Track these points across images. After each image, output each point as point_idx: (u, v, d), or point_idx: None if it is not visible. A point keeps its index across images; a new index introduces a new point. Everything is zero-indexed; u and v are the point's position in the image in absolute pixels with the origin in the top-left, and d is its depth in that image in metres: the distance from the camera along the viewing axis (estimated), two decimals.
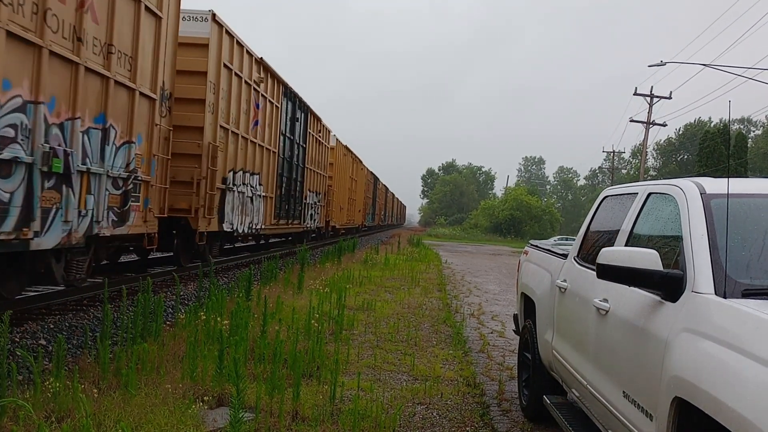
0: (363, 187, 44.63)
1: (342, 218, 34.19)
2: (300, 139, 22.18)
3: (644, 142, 43.92)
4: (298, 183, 22.20)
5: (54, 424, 4.26)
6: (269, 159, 18.12)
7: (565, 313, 4.85)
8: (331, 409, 5.22)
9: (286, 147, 20.16)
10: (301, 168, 22.73)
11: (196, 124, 12.80)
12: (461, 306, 12.44)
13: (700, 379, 2.53)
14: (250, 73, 15.99)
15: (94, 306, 9.18)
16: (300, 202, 22.70)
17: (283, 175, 19.87)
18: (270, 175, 18.34)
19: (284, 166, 20.06)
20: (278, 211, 19.64)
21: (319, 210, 26.78)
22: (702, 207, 3.36)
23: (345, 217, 35.57)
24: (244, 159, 15.67)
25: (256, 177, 16.85)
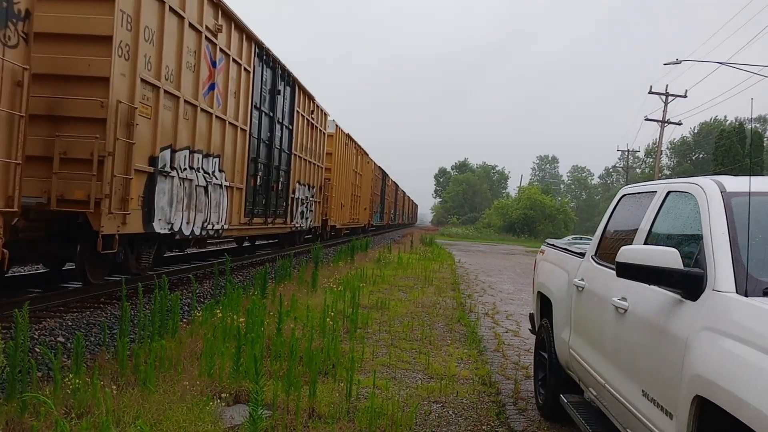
0: (370, 182, 40.19)
1: (343, 217, 30.04)
2: (285, 118, 17.94)
3: (659, 140, 43.66)
4: (281, 173, 17.97)
5: (74, 420, 4.29)
6: (236, 138, 13.74)
7: (582, 312, 4.84)
8: (347, 406, 5.24)
9: (263, 126, 15.92)
10: (287, 155, 18.50)
11: (98, 73, 8.67)
12: (475, 305, 12.42)
13: (721, 378, 2.53)
14: (201, 15, 11.42)
15: (111, 304, 9.25)
16: (285, 196, 18.50)
17: (258, 161, 15.56)
18: (238, 160, 13.95)
19: (260, 150, 15.76)
20: (251, 206, 15.29)
21: (313, 207, 22.61)
22: (722, 205, 3.34)
23: (347, 215, 31.39)
24: (192, 134, 11.35)
25: (214, 161, 12.49)
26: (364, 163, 36.93)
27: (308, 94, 20.59)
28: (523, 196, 79.83)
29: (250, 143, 14.76)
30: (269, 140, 16.52)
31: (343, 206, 29.45)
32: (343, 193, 29.24)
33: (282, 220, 18.34)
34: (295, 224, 19.94)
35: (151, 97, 9.86)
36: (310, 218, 22.24)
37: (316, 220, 23.35)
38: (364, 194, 37.61)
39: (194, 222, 11.75)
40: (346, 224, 31.74)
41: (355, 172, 33.24)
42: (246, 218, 14.94)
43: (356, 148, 33.33)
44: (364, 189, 37.79)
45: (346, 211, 30.66)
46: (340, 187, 28.43)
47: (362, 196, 36.97)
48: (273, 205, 17.21)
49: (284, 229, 19.21)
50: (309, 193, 21.76)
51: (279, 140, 17.49)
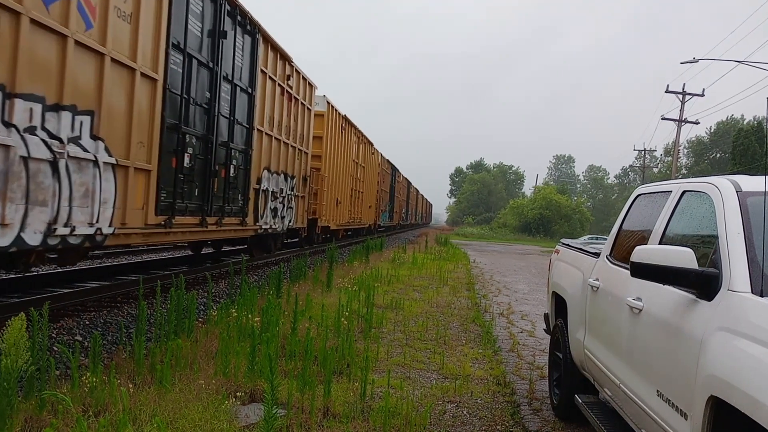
0: (375, 177, 35.09)
1: (340, 216, 24.92)
2: (240, 77, 12.63)
3: (676, 139, 43.33)
4: (235, 153, 12.61)
5: (91, 418, 4.34)
6: (132, 89, 8.62)
7: (597, 312, 4.82)
8: (362, 406, 5.25)
9: (197, 80, 10.61)
10: (245, 129, 13.13)
11: None
12: (490, 305, 12.40)
13: (737, 378, 2.51)
14: None
15: (127, 303, 9.33)
16: (242, 187, 13.22)
17: (185, 132, 10.20)
18: (139, 125, 8.86)
19: (189, 115, 10.37)
20: (170, 199, 9.91)
21: (294, 203, 17.66)
22: (738, 205, 3.32)
23: (345, 214, 26.11)
24: (12, 65, 6.37)
25: (78, 120, 7.49)
26: (368, 153, 31.51)
27: (281, 52, 15.23)
28: (538, 196, 79.59)
29: (165, 101, 9.36)
30: (208, 103, 11.11)
31: (339, 203, 24.43)
32: (339, 188, 24.26)
33: (237, 220, 13.08)
34: (262, 225, 14.81)
35: None
36: (289, 217, 17.35)
37: (298, 219, 18.45)
38: (368, 190, 32.26)
39: (24, 223, 6.62)
40: (345, 225, 26.82)
41: (356, 164, 28.22)
42: (160, 216, 9.54)
43: (357, 134, 27.94)
44: (369, 184, 32.56)
45: (343, 210, 25.52)
46: (336, 181, 23.51)
47: (366, 192, 31.51)
48: (219, 199, 11.92)
49: (242, 232, 13.85)
50: (286, 185, 16.75)
51: (229, 107, 12.16)
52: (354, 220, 28.82)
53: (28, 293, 8.97)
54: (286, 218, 17.13)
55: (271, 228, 15.65)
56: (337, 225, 24.86)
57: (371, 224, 35.15)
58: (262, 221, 14.88)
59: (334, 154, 23.10)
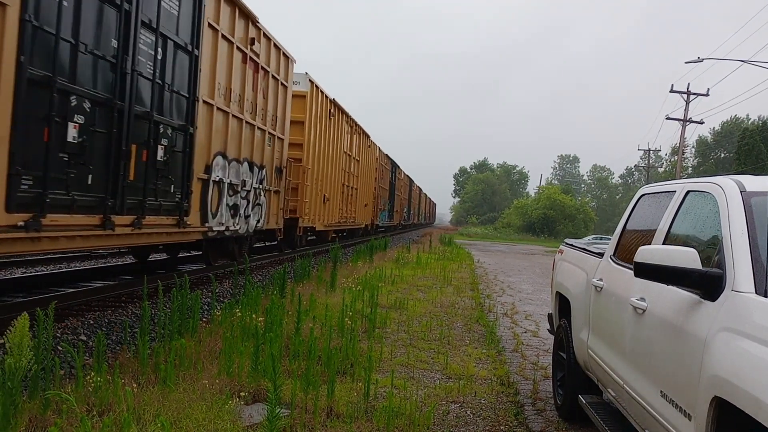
0: (373, 173, 31.81)
1: (328, 215, 21.61)
2: (169, 25, 9.21)
3: (681, 139, 43.24)
4: (164, 130, 9.29)
5: (95, 418, 4.35)
6: None
7: (601, 312, 4.82)
8: (366, 406, 5.25)
9: (84, 14, 7.17)
10: (183, 99, 9.89)
11: None
12: (494, 305, 12.39)
13: (740, 379, 2.51)
14: None
15: (132, 302, 9.35)
16: (179, 175, 9.94)
17: (53, 86, 6.68)
18: None
19: (61, 62, 6.86)
20: (37, 188, 6.59)
21: (263, 198, 14.46)
22: (742, 205, 3.31)
23: (335, 213, 22.89)
24: None
25: None
26: (363, 146, 27.96)
27: (241, 7, 11.88)
28: (542, 196, 79.55)
29: (23, 39, 6.22)
30: (116, 57, 7.89)
31: (327, 200, 21.12)
32: (326, 183, 21.02)
33: (172, 220, 9.82)
34: (214, 227, 11.55)
35: None
36: (257, 216, 14.05)
37: (271, 219, 15.16)
38: (364, 187, 28.91)
39: None
40: (335, 225, 23.30)
41: (348, 156, 24.95)
42: (18, 214, 6.35)
43: (350, 123, 24.56)
44: (365, 180, 29.18)
45: (332, 208, 22.22)
46: (322, 174, 20.28)
47: (361, 189, 28.14)
48: (138, 191, 8.70)
49: (182, 236, 10.45)
50: (252, 177, 13.50)
51: (154, 66, 8.86)
52: (346, 220, 25.50)
53: (33, 293, 9.00)
54: (253, 217, 13.55)
55: (229, 230, 12.14)
56: (325, 225, 21.39)
57: (368, 224, 31.91)
58: (215, 221, 11.54)
59: (320, 143, 19.67)
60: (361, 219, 28.98)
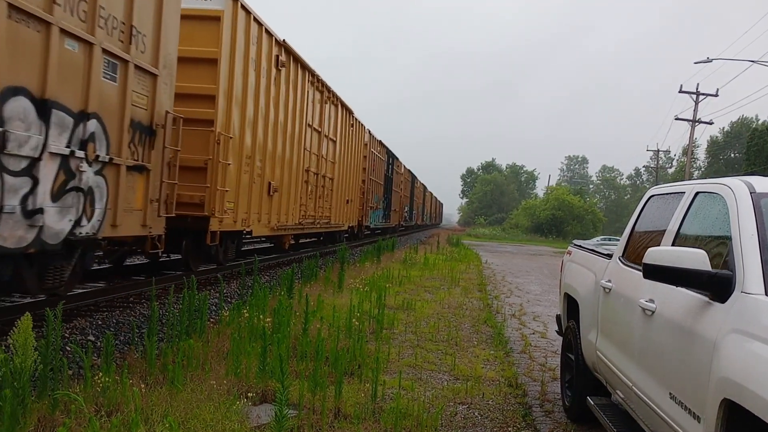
0: (359, 161, 25.33)
1: (279, 213, 15.06)
2: None
3: (690, 140, 43.07)
4: None
5: (104, 418, 4.36)
6: None
7: (609, 314, 4.80)
8: (373, 407, 5.25)
9: None
10: None
11: None
12: (502, 306, 12.37)
13: (750, 381, 2.49)
14: None
15: (140, 303, 9.37)
16: None
17: None
18: None
19: None
20: None
21: (96, 181, 7.61)
22: (752, 206, 3.30)
23: (293, 211, 16.16)
24: None
25: None
26: (343, 124, 21.49)
27: None
28: (551, 197, 79.36)
29: None
30: None
31: (274, 191, 14.29)
32: (272, 165, 14.21)
33: None
34: None
35: None
36: (72, 216, 7.21)
37: (121, 218, 8.26)
38: (345, 178, 22.64)
39: None
40: (292, 228, 16.22)
41: (317, 133, 17.99)
42: None
43: (320, 87, 17.83)
44: (347, 169, 22.98)
45: (285, 203, 15.34)
46: (262, 151, 13.53)
47: (341, 180, 21.80)
48: None
49: None
50: (61, 137, 6.88)
51: None
52: (315, 221, 18.48)
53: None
54: (59, 218, 6.99)
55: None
56: (273, 229, 14.72)
57: (353, 226, 25.72)
58: None
59: (257, 103, 12.92)
60: (340, 219, 22.27)
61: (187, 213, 10.91)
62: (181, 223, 10.82)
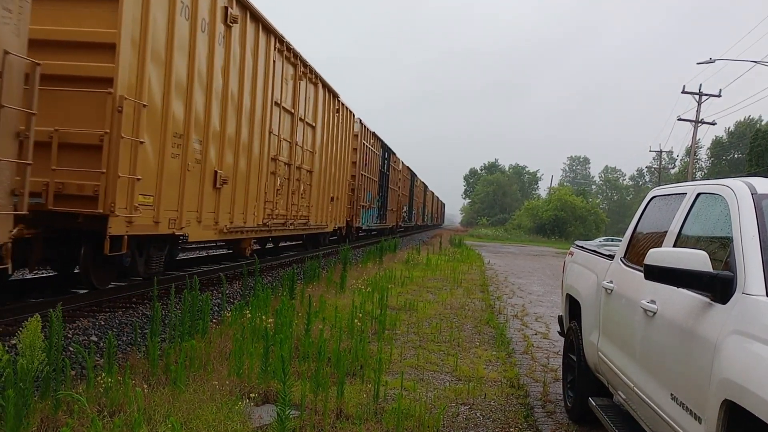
0: (347, 153, 21.65)
1: (231, 211, 11.57)
2: None
3: (692, 141, 43.00)
4: None
5: (106, 418, 4.38)
6: None
7: (611, 315, 4.80)
8: (375, 407, 5.26)
9: None
10: None
11: None
12: (504, 307, 12.36)
13: (751, 382, 2.50)
14: None
15: (142, 303, 9.38)
16: None
17: None
18: None
19: None
20: None
21: None
22: (753, 207, 3.30)
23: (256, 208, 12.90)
24: None
25: None
26: (326, 109, 17.90)
27: None
28: (553, 197, 79.30)
29: None
30: None
31: (224, 183, 11.07)
32: (222, 147, 11.02)
33: None
34: None
35: None
36: None
37: None
38: (329, 170, 19.11)
39: None
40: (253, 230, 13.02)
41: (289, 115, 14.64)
42: None
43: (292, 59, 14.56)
44: (332, 162, 19.31)
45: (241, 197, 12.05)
46: (204, 127, 10.22)
47: (321, 173, 18.08)
48: None
49: None
50: None
51: None
52: (286, 222, 14.90)
53: (45, 294, 9.06)
54: None
55: None
56: (223, 232, 11.40)
57: (341, 227, 22.10)
58: None
59: (192, 62, 9.61)
60: (323, 219, 18.64)
61: (73, 209, 7.69)
62: (71, 223, 7.84)
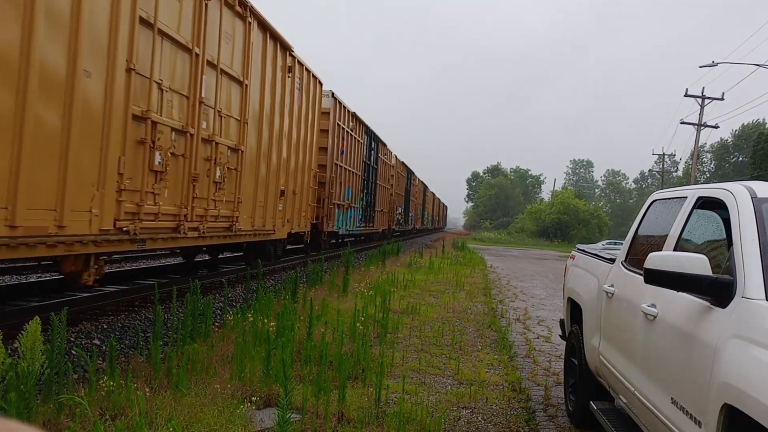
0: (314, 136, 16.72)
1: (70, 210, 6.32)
2: None
3: (695, 144, 42.95)
4: None
5: (108, 422, 4.39)
6: None
7: (612, 319, 4.80)
8: (377, 411, 5.26)
9: None
10: None
11: None
12: (507, 310, 12.36)
13: (750, 386, 2.50)
14: None
15: (145, 307, 9.40)
16: None
17: None
18: None
19: None
20: None
21: None
22: (753, 211, 3.30)
23: (107, 206, 7.02)
24: None
25: None
26: (270, 61, 12.41)
27: None
28: (556, 201, 79.21)
29: None
30: None
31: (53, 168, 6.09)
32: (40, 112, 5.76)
33: None
34: None
35: None
36: None
37: None
38: (278, 151, 13.64)
39: None
40: (113, 241, 7.33)
41: (183, 51, 8.82)
42: None
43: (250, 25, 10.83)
44: (279, 140, 13.62)
45: (77, 185, 6.46)
46: None
47: (266, 155, 12.79)
48: None
49: None
50: None
51: None
52: (179, 226, 9.17)
53: (48, 297, 9.07)
54: None
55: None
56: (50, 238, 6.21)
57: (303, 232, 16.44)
58: None
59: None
60: (262, 221, 12.94)
61: None
62: None
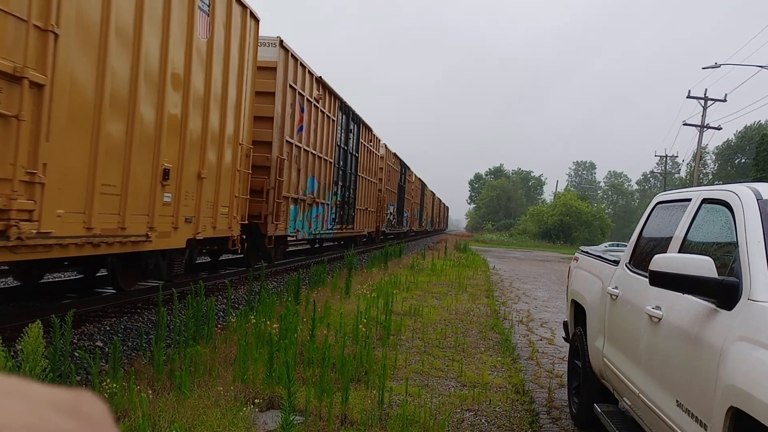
0: (248, 98, 11.42)
1: None
2: None
3: (698, 146, 42.90)
4: None
5: None
6: None
7: (616, 321, 4.79)
8: (380, 413, 5.25)
9: None
10: None
11: None
12: (509, 313, 12.34)
13: (756, 389, 2.48)
14: None
15: (147, 309, 9.40)
16: None
17: None
18: None
19: None
20: None
21: None
22: (758, 213, 3.29)
23: None
24: None
25: None
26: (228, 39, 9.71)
27: None
28: (558, 202, 79.19)
29: None
30: None
31: None
32: None
33: None
34: None
35: None
36: None
37: None
38: (189, 117, 8.89)
39: None
40: None
41: None
42: None
43: None
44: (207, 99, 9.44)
45: None
46: None
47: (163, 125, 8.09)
48: None
49: None
50: None
51: None
52: None
53: (51, 300, 9.08)
54: None
55: None
56: None
57: (232, 237, 11.40)
58: None
59: None
60: (114, 219, 7.32)
61: None
62: None
